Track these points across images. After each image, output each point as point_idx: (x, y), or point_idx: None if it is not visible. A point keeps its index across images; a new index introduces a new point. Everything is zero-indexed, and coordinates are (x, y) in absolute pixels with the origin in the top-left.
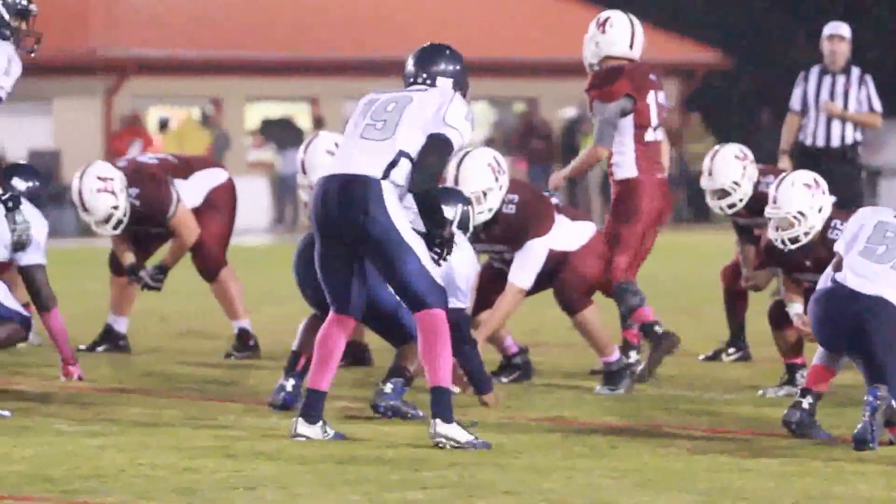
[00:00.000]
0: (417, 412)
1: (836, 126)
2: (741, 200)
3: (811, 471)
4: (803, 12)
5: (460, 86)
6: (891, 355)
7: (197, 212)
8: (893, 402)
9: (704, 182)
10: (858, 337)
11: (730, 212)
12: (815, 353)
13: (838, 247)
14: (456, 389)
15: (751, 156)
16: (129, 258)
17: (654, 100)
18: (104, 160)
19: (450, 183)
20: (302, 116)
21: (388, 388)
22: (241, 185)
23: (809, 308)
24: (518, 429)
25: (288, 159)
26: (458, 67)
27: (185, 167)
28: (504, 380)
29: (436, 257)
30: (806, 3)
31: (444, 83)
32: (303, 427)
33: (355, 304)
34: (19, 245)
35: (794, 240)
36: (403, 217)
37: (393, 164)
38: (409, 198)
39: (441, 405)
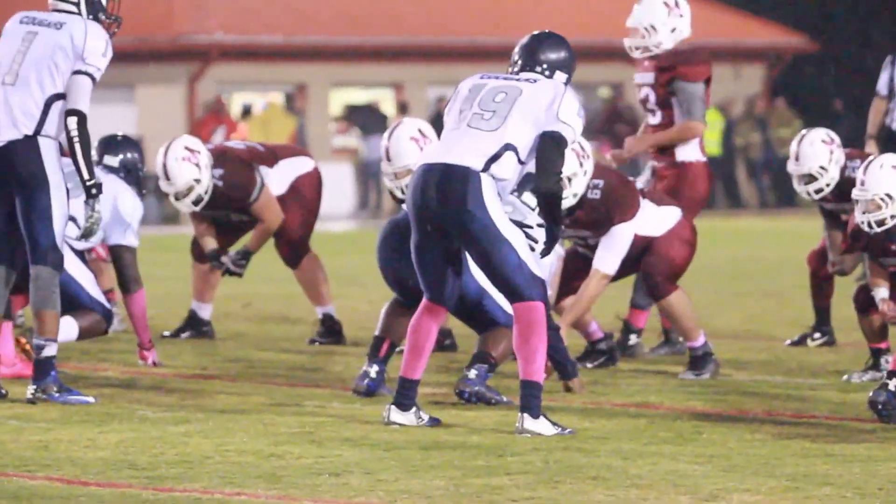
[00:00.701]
0: (502, 398)
1: None
2: (828, 185)
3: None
4: None
5: (569, 76)
6: None
7: (282, 199)
8: None
9: (791, 167)
10: None
11: (817, 197)
12: None
13: None
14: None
15: (837, 140)
16: (210, 244)
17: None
18: None
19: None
20: (386, 102)
21: (473, 373)
22: (326, 170)
23: None
24: (603, 414)
25: (372, 145)
26: (566, 56)
27: (272, 155)
28: (589, 365)
29: (546, 251)
30: None
31: (554, 73)
32: (396, 415)
33: (449, 294)
34: (87, 234)
35: (881, 222)
36: (501, 210)
37: (496, 157)
38: (508, 194)
39: (530, 400)
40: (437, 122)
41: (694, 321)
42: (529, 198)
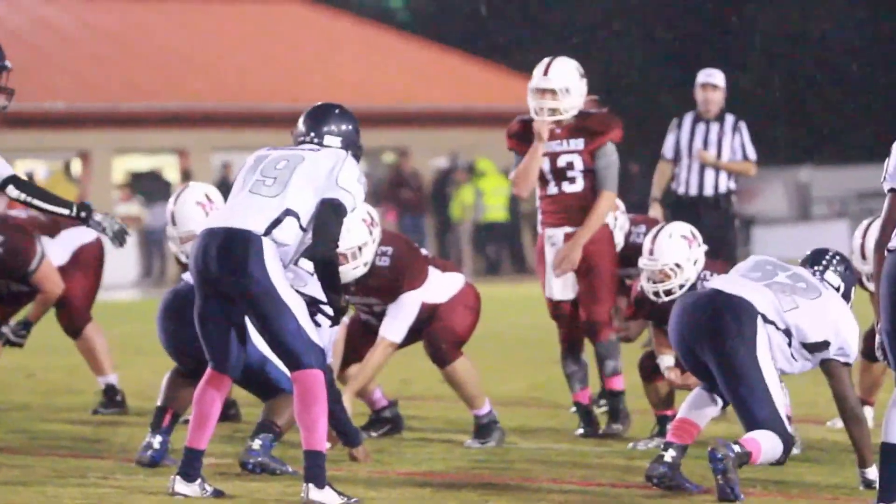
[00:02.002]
0: (287, 468)
1: (709, 174)
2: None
3: None
4: (678, 59)
5: (352, 146)
6: (740, 359)
7: (64, 268)
8: (735, 447)
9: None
10: (711, 336)
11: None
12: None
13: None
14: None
15: (622, 206)
16: None
17: None
18: None
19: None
20: (170, 169)
21: (257, 444)
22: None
23: (673, 308)
24: (389, 483)
25: (155, 213)
26: (349, 127)
27: (53, 225)
28: (374, 434)
29: (330, 322)
30: (680, 50)
31: (335, 143)
32: (181, 485)
33: (233, 362)
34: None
35: (669, 292)
36: (282, 275)
37: (277, 222)
38: (302, 260)
39: (315, 470)
40: (223, 188)
41: (478, 388)
42: (306, 263)
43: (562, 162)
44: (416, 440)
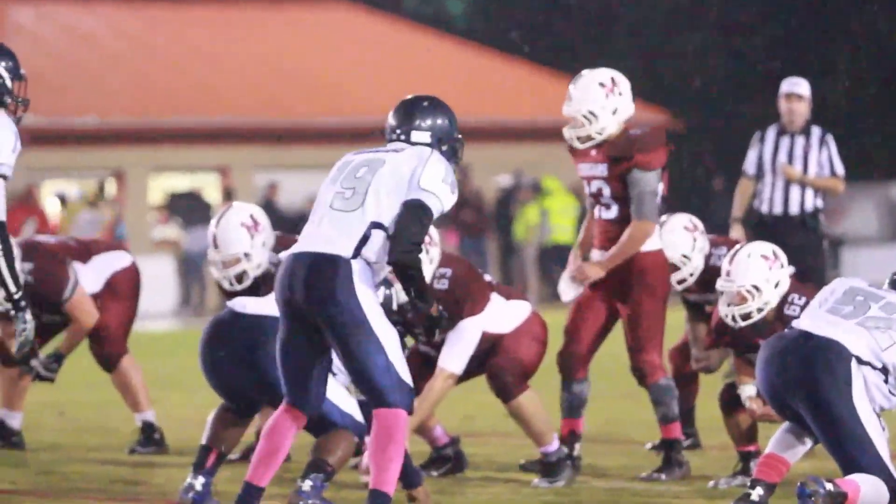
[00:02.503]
0: None
1: (794, 191)
2: (692, 275)
3: None
4: (761, 67)
5: (446, 140)
6: (836, 406)
7: (97, 297)
8: (828, 484)
9: None
10: (803, 382)
11: (679, 287)
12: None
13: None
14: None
15: (701, 226)
16: None
17: None
18: None
19: None
20: (210, 188)
21: (307, 485)
22: (145, 264)
23: (759, 353)
24: None
25: (195, 236)
26: (440, 121)
27: (85, 250)
28: (434, 473)
29: (424, 337)
30: (763, 58)
31: (424, 139)
32: None
33: (313, 399)
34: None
35: (746, 316)
36: (375, 303)
37: (365, 239)
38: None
39: None
40: (268, 209)
41: (546, 424)
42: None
43: (594, 187)
44: (480, 479)
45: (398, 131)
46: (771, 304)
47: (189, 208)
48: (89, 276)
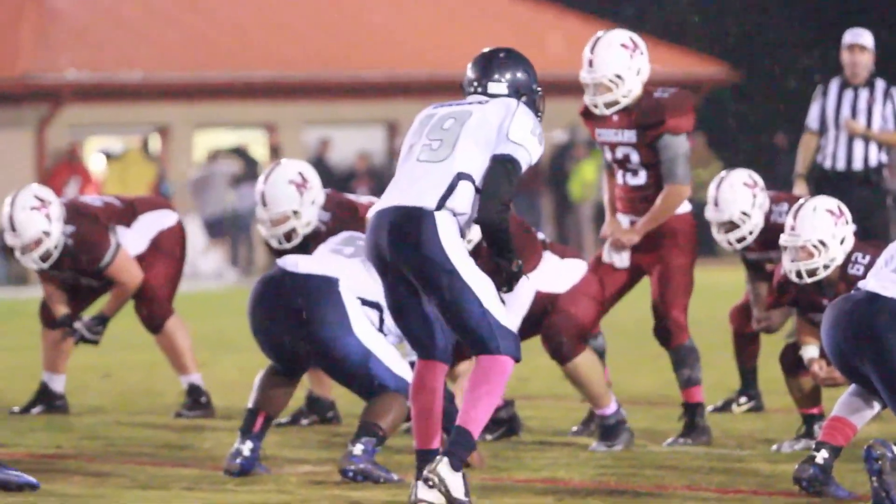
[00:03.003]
0: (391, 476)
1: (858, 146)
2: (751, 233)
3: None
4: (822, 19)
5: (525, 92)
6: None
7: (142, 257)
8: (895, 448)
9: (710, 214)
10: (871, 345)
11: (739, 246)
12: (835, 403)
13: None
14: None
15: (761, 182)
16: (62, 308)
17: None
18: None
19: None
20: (257, 145)
21: (359, 449)
22: (189, 223)
23: (824, 315)
24: (505, 492)
25: (242, 193)
26: (517, 73)
27: (130, 210)
28: (488, 437)
29: (504, 289)
30: (825, 9)
31: (501, 91)
32: (423, 492)
33: (441, 346)
34: None
35: (812, 272)
36: (463, 252)
37: (451, 190)
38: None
39: (457, 447)
40: (318, 166)
41: (603, 386)
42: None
43: (619, 154)
44: (535, 443)
45: (475, 84)
46: (837, 260)
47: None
48: (134, 237)
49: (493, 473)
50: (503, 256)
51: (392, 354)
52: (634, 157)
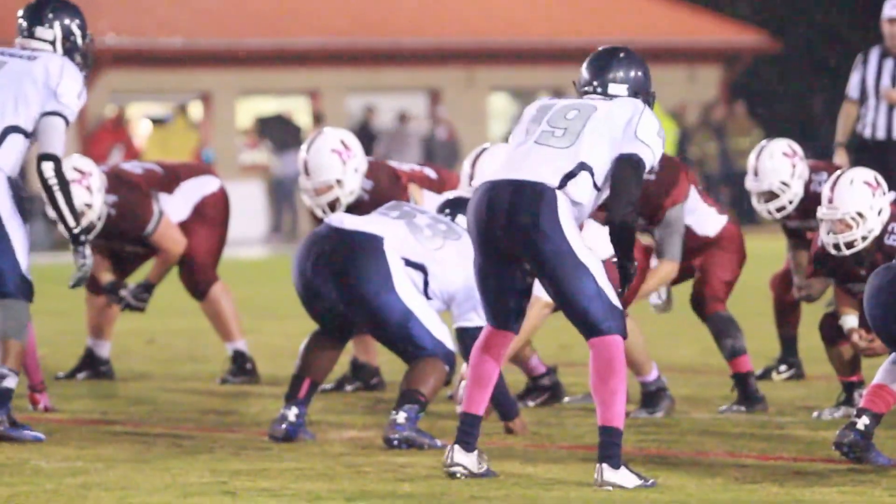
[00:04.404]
0: (435, 442)
1: None
2: (791, 202)
3: (874, 501)
4: None
5: (642, 93)
6: None
7: (185, 224)
8: None
9: (750, 183)
10: None
11: (779, 215)
12: (876, 371)
13: None
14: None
15: (801, 152)
16: (107, 275)
17: None
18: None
19: (464, 181)
20: (300, 112)
21: (402, 417)
22: (233, 190)
23: (866, 284)
24: (548, 458)
25: (285, 161)
26: (637, 73)
27: (173, 177)
28: (531, 403)
29: (620, 290)
30: None
31: (621, 91)
32: (460, 455)
33: (516, 319)
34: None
35: (850, 244)
36: (578, 234)
37: (571, 175)
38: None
39: (610, 448)
40: (361, 134)
41: (645, 353)
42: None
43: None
44: (578, 410)
45: (595, 83)
46: (875, 231)
47: (279, 132)
48: (177, 204)
49: (535, 440)
50: (627, 257)
51: (433, 317)
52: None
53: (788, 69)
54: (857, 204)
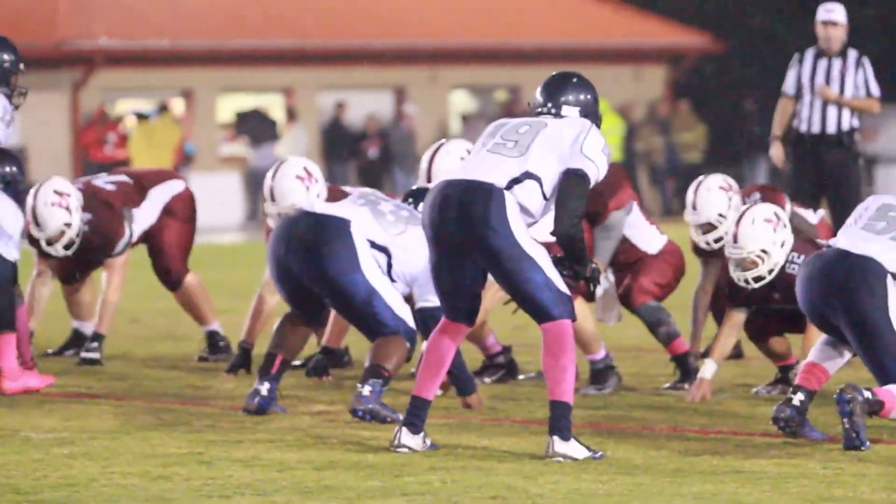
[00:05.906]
0: (397, 416)
1: (832, 112)
2: (727, 233)
3: (808, 473)
4: None
5: (591, 116)
6: (874, 320)
7: (156, 224)
8: (865, 392)
9: (689, 216)
10: (841, 299)
11: (716, 246)
12: (808, 352)
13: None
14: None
15: (735, 186)
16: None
17: None
18: (73, 158)
19: (423, 175)
20: (276, 108)
21: (367, 390)
22: (213, 180)
23: (798, 273)
24: (503, 432)
25: (261, 153)
26: (588, 97)
27: (140, 188)
28: (487, 380)
29: (589, 291)
30: None
31: (573, 113)
32: (406, 437)
33: (470, 313)
34: None
35: (759, 279)
36: (524, 228)
37: (517, 181)
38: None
39: (560, 421)
40: (335, 128)
41: (594, 333)
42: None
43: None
44: (532, 387)
45: (549, 104)
46: (780, 263)
47: (255, 126)
48: (147, 210)
49: (491, 415)
50: (580, 264)
51: (395, 297)
52: None
53: (729, 68)
54: (760, 242)
